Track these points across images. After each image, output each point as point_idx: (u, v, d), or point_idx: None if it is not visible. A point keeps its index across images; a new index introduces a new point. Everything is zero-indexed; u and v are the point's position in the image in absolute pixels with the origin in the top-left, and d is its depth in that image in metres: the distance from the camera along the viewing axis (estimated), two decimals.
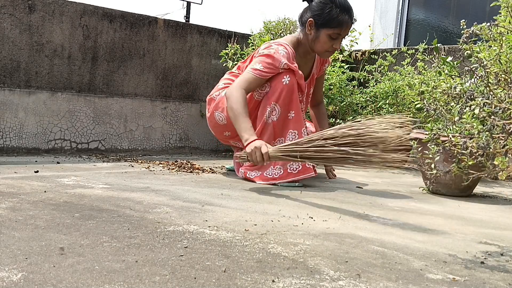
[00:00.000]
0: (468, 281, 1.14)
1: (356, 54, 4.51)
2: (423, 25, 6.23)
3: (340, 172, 3.26)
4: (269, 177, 2.44)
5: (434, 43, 2.42)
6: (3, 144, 3.13)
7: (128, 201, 1.82)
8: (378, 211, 1.93)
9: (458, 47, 3.78)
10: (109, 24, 3.56)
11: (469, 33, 1.35)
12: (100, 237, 1.33)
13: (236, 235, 1.42)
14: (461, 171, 1.53)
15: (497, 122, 1.26)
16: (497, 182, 3.18)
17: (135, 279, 1.03)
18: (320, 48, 2.53)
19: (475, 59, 1.40)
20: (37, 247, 1.21)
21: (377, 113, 3.78)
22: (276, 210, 1.84)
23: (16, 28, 3.16)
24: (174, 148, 3.93)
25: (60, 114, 3.36)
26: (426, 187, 2.57)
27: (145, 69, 3.77)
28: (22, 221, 1.45)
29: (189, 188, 2.20)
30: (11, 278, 1.00)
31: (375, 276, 1.14)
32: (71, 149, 3.40)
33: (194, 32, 4.04)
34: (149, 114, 3.80)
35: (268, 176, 2.44)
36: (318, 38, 2.50)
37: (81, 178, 2.32)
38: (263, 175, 2.45)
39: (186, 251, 1.25)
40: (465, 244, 1.48)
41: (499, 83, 1.35)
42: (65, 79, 3.38)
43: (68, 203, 1.73)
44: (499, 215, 2.02)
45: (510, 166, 1.23)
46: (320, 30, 2.49)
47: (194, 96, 4.06)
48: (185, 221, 1.56)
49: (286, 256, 1.25)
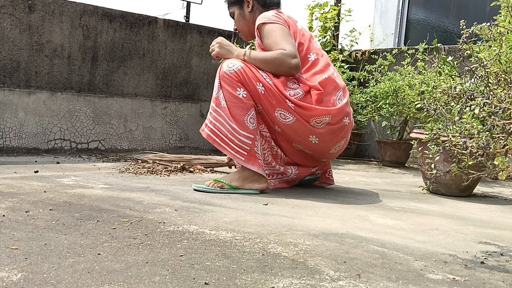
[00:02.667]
0: (468, 281, 1.14)
1: (356, 54, 4.51)
2: (423, 25, 6.23)
3: (340, 172, 3.26)
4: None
5: (434, 43, 2.42)
6: (3, 144, 3.13)
7: (128, 201, 1.82)
8: (378, 211, 1.93)
9: (458, 47, 3.78)
10: (109, 24, 3.56)
11: (469, 33, 1.35)
12: (100, 237, 1.33)
13: (236, 235, 1.42)
14: (461, 171, 1.53)
15: (497, 122, 1.26)
16: (497, 182, 3.18)
17: (135, 279, 1.03)
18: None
19: (475, 59, 1.40)
20: (37, 247, 1.21)
21: (377, 113, 3.78)
22: (276, 210, 1.84)
23: (16, 28, 3.16)
24: (174, 148, 3.93)
25: (60, 114, 3.36)
26: (426, 187, 2.57)
27: (145, 69, 3.77)
28: (22, 221, 1.45)
29: (189, 188, 2.20)
30: (11, 278, 1.00)
31: (375, 276, 1.14)
32: (71, 149, 3.40)
33: (194, 32, 4.04)
34: (149, 114, 3.80)
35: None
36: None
37: (81, 178, 2.32)
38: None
39: (186, 251, 1.25)
40: (465, 244, 1.48)
41: (499, 83, 1.35)
42: (65, 79, 3.38)
43: (68, 203, 1.73)
44: (499, 215, 2.02)
45: (510, 166, 1.23)
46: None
47: (194, 96, 4.06)
48: (185, 221, 1.56)
49: (286, 256, 1.25)
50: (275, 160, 2.32)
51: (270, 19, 2.24)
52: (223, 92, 2.17)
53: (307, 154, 2.31)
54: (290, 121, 2.16)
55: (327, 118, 2.15)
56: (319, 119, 2.14)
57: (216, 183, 2.17)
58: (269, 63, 2.17)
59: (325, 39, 4.46)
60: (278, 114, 2.16)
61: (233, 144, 2.15)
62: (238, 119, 2.14)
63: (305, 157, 2.34)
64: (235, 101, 2.15)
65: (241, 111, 2.14)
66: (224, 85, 2.16)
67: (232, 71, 2.15)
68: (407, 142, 3.71)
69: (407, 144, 3.71)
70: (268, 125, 2.26)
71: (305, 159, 2.35)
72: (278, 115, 2.16)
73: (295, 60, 2.17)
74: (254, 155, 2.16)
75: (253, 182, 2.17)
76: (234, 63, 2.17)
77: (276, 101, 2.14)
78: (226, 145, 2.16)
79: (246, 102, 2.15)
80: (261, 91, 2.14)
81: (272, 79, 2.16)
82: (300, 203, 2.01)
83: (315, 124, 2.15)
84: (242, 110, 2.14)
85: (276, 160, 2.32)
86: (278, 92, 2.14)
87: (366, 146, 4.44)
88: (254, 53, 2.21)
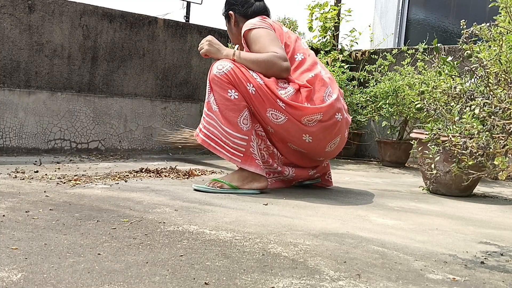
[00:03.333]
0: (468, 281, 1.14)
1: (356, 54, 4.51)
2: (423, 25, 6.23)
3: (340, 172, 3.26)
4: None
5: (434, 43, 2.42)
6: (3, 144, 3.13)
7: (128, 201, 1.82)
8: (378, 211, 1.93)
9: (458, 47, 3.78)
10: (109, 24, 3.56)
11: (469, 33, 1.35)
12: (100, 237, 1.33)
13: (236, 235, 1.42)
14: (461, 171, 1.53)
15: (497, 122, 1.26)
16: (497, 182, 3.18)
17: (135, 279, 1.03)
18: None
19: (475, 59, 1.40)
20: (37, 247, 1.21)
21: (377, 113, 3.78)
22: (276, 210, 1.84)
23: (16, 28, 3.16)
24: (174, 148, 3.92)
25: (60, 114, 3.36)
26: (426, 187, 2.57)
27: (145, 69, 3.77)
28: (22, 221, 1.45)
29: (189, 188, 2.20)
30: (11, 278, 1.00)
31: (375, 276, 1.14)
32: (71, 149, 3.40)
33: (194, 32, 4.04)
34: (149, 114, 3.80)
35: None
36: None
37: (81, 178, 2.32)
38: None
39: (186, 251, 1.25)
40: (465, 244, 1.48)
41: (499, 83, 1.35)
42: (65, 79, 3.38)
43: (68, 203, 1.73)
44: (499, 215, 2.02)
45: (510, 166, 1.23)
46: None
47: (194, 96, 4.06)
48: (185, 221, 1.56)
49: (286, 256, 1.25)
50: (272, 159, 2.31)
51: (255, 24, 2.24)
52: (214, 95, 2.17)
53: (303, 154, 2.30)
54: (282, 121, 2.15)
55: (318, 116, 2.14)
56: (310, 117, 2.13)
57: (216, 183, 2.17)
58: (260, 64, 2.16)
59: (325, 39, 4.46)
60: (270, 114, 2.15)
61: (228, 147, 2.15)
62: (231, 121, 2.13)
63: (301, 157, 2.33)
64: (227, 103, 2.14)
65: (233, 113, 2.14)
66: (215, 88, 2.16)
67: (222, 73, 2.13)
68: (407, 142, 3.71)
69: (407, 144, 3.71)
70: (262, 125, 2.26)
71: (302, 159, 2.34)
72: (269, 115, 2.15)
73: (286, 63, 2.17)
74: (250, 156, 2.15)
75: (253, 181, 2.17)
76: (223, 65, 2.16)
77: (267, 101, 2.13)
78: (222, 149, 2.16)
79: (238, 103, 2.14)
80: (252, 91, 2.13)
81: (262, 79, 2.15)
82: (300, 203, 2.01)
83: (307, 123, 2.14)
84: (235, 112, 2.14)
85: (273, 159, 2.32)
86: (269, 92, 2.13)
87: (366, 146, 4.44)
88: (244, 54, 2.20)
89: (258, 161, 2.17)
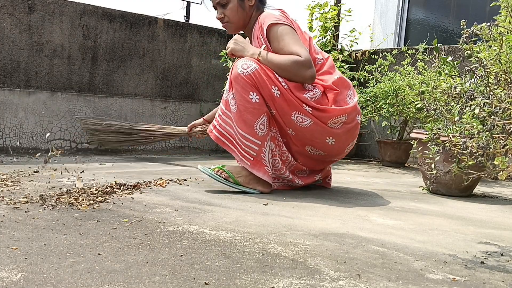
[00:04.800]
0: (468, 281, 1.14)
1: (356, 54, 4.51)
2: (423, 25, 6.23)
3: (340, 172, 3.26)
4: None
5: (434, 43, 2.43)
6: (3, 144, 3.13)
7: (128, 201, 1.82)
8: (378, 211, 1.93)
9: (458, 47, 3.78)
10: (109, 24, 3.56)
11: (469, 33, 1.35)
12: (100, 237, 1.33)
13: (236, 235, 1.42)
14: (461, 171, 1.53)
15: (497, 122, 1.26)
16: (497, 182, 3.18)
17: (135, 279, 1.03)
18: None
19: (475, 59, 1.40)
20: (37, 247, 1.21)
21: (377, 113, 3.78)
22: (276, 210, 1.84)
23: (16, 28, 3.16)
24: (174, 148, 3.93)
25: (60, 114, 3.36)
26: (426, 187, 2.57)
27: (145, 69, 3.77)
28: (22, 221, 1.45)
29: (189, 188, 2.20)
30: (11, 278, 1.00)
31: (375, 276, 1.14)
32: (71, 149, 3.40)
33: (194, 32, 4.04)
34: (149, 114, 3.80)
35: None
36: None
37: (81, 178, 2.32)
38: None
39: (186, 251, 1.25)
40: (465, 244, 1.48)
41: (499, 83, 1.35)
42: (65, 79, 3.38)
43: (68, 203, 1.73)
44: (499, 215, 2.02)
45: (510, 166, 1.23)
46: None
47: (194, 96, 4.06)
48: (185, 221, 1.56)
49: (286, 256, 1.25)
50: (285, 166, 2.26)
51: (279, 19, 2.17)
52: (235, 94, 2.11)
53: (317, 158, 2.28)
54: (308, 124, 2.12)
55: (343, 118, 2.13)
56: (336, 119, 2.12)
57: (223, 173, 2.16)
58: (283, 70, 2.11)
59: (325, 39, 4.45)
60: (295, 117, 2.11)
61: (240, 148, 2.14)
62: (248, 124, 2.10)
63: (315, 161, 2.30)
64: (247, 105, 2.09)
65: (251, 117, 2.10)
66: (237, 87, 2.10)
67: (246, 73, 2.07)
68: (407, 142, 3.71)
69: (407, 144, 3.71)
70: (280, 128, 2.20)
71: (315, 163, 2.32)
72: (295, 118, 2.11)
73: (311, 70, 2.11)
74: (260, 161, 2.13)
75: (258, 184, 2.16)
76: (249, 64, 2.09)
77: (292, 106, 2.10)
78: (235, 148, 2.16)
79: (258, 107, 2.10)
80: (277, 94, 2.09)
81: (287, 83, 2.11)
82: (300, 203, 2.01)
83: (333, 125, 2.13)
84: (253, 116, 2.10)
85: (285, 165, 2.26)
86: (294, 97, 2.10)
87: (366, 146, 4.44)
88: (271, 56, 2.13)
89: (268, 168, 2.15)
